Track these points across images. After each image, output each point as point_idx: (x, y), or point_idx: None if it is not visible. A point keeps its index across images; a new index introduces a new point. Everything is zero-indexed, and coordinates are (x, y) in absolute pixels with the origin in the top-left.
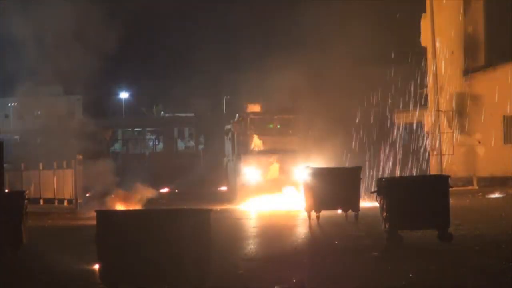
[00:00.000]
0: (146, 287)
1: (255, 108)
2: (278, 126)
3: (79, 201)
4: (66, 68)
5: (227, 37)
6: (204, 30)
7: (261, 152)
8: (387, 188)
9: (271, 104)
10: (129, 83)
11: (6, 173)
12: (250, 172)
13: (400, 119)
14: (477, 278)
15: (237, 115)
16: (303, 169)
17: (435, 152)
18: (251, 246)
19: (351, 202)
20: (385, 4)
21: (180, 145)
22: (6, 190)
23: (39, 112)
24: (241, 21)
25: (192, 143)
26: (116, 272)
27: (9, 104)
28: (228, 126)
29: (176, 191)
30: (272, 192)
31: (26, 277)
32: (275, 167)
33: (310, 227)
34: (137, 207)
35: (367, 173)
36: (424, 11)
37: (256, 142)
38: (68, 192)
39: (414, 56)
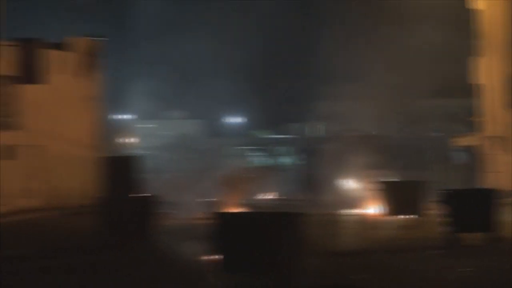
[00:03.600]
0: (249, 271)
1: (354, 134)
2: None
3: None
4: (192, 97)
5: (320, 75)
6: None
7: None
8: (448, 198)
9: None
10: (240, 110)
11: (143, 180)
12: (354, 186)
13: (457, 143)
14: None
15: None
16: (381, 182)
17: (485, 170)
18: (333, 242)
19: (419, 208)
20: (442, 45)
21: (281, 160)
22: (140, 194)
23: (166, 133)
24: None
25: (285, 158)
26: (225, 259)
27: (144, 126)
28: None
29: (279, 197)
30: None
31: (150, 263)
32: (371, 181)
33: (384, 227)
34: (247, 210)
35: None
36: (475, 52)
37: (355, 162)
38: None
39: (468, 90)
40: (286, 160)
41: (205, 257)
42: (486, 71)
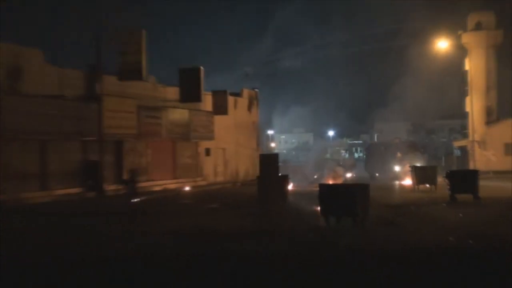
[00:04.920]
0: (338, 216)
1: (397, 140)
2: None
3: (311, 179)
4: (309, 118)
5: (379, 104)
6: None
7: (401, 160)
8: (450, 175)
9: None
10: (332, 126)
11: (280, 167)
12: (398, 168)
13: (456, 144)
14: (492, 214)
15: (392, 142)
16: (412, 166)
17: (471, 159)
18: (386, 200)
19: (433, 180)
20: (450, 88)
21: (356, 155)
22: (280, 174)
23: (293, 141)
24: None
25: (361, 154)
26: (325, 210)
27: (281, 137)
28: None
29: (355, 175)
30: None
31: (286, 212)
32: (407, 166)
33: (414, 191)
34: (339, 182)
35: (442, 168)
36: (466, 93)
37: (398, 155)
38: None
39: (462, 114)
40: (359, 155)
41: (314, 208)
42: (471, 104)
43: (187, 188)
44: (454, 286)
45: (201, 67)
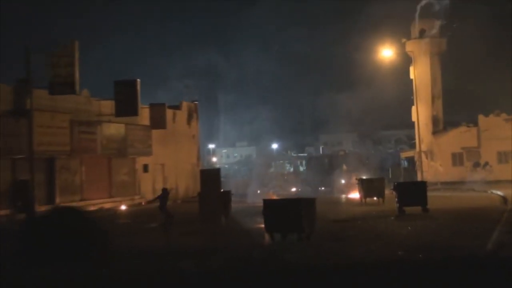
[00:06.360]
0: (284, 232)
1: (342, 152)
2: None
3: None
4: (251, 132)
5: (322, 117)
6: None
7: (346, 173)
8: (397, 187)
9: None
10: (276, 139)
11: (222, 182)
12: (344, 181)
13: (403, 155)
14: (440, 226)
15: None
16: (359, 179)
17: (419, 170)
18: (332, 214)
19: (381, 193)
20: (397, 99)
21: (301, 169)
22: (222, 190)
23: (235, 155)
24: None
25: (304, 168)
26: (270, 226)
27: (223, 151)
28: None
29: (299, 190)
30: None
31: (229, 229)
32: (354, 178)
33: (361, 205)
34: (281, 197)
35: (389, 180)
36: (413, 103)
37: (344, 168)
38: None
39: (409, 124)
40: (303, 168)
41: (258, 225)
42: (418, 114)
43: (124, 207)
44: None
45: (138, 80)
